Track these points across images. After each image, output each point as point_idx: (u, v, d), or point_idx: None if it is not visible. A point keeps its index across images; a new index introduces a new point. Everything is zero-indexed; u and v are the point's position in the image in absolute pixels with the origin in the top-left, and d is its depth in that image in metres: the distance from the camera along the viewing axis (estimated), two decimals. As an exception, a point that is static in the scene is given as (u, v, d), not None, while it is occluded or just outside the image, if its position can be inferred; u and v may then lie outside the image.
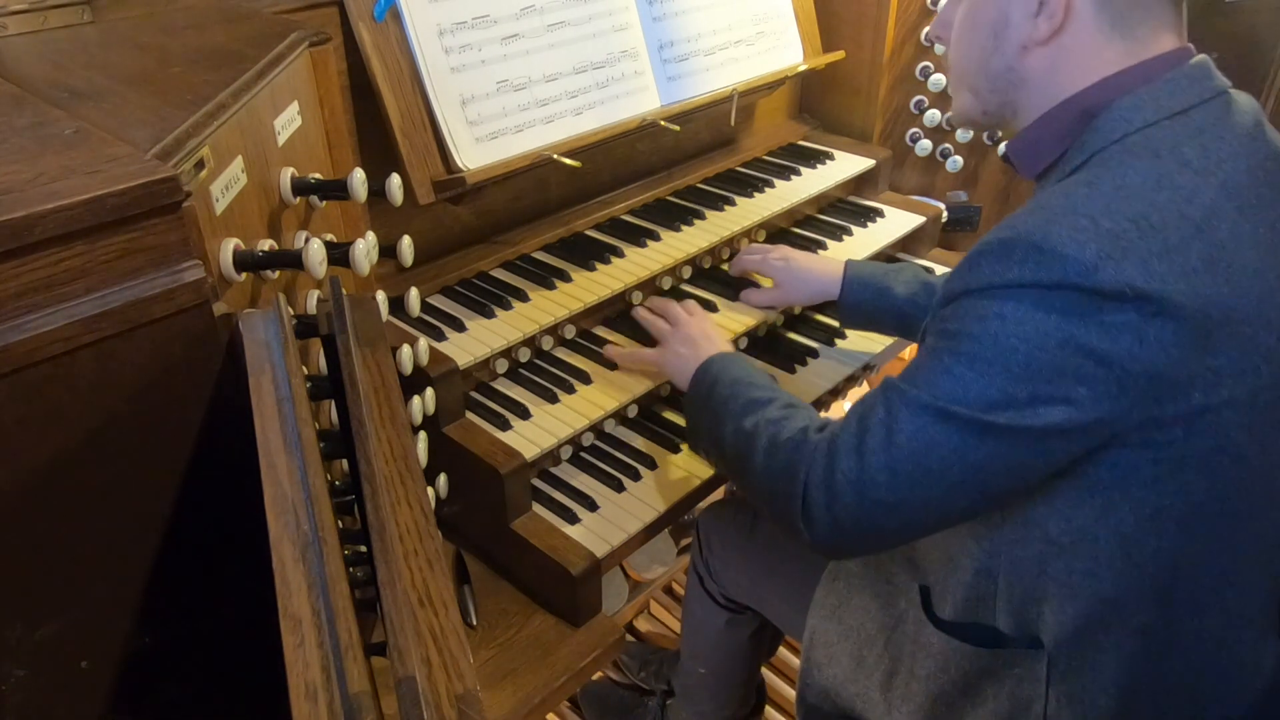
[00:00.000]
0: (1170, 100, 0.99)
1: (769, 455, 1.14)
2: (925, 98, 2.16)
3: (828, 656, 1.36)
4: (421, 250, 1.40)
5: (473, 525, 1.49)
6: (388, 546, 0.65)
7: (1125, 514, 1.01)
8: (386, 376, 0.91)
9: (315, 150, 1.26)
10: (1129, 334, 0.91)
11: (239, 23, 1.27)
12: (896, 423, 1.00)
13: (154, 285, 0.82)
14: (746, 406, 1.23)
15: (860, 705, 1.33)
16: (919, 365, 1.02)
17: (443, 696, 0.63)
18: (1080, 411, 0.94)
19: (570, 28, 1.67)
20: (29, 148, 0.85)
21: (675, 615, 2.42)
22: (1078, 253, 0.90)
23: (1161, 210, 0.93)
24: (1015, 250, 0.94)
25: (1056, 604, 1.08)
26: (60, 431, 0.80)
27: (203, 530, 0.92)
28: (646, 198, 1.94)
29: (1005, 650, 1.13)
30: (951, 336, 0.98)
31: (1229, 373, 0.94)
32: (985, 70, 1.10)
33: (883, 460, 1.00)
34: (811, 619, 1.38)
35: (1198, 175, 0.95)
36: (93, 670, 0.89)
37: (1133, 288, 0.90)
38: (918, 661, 1.22)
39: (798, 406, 1.22)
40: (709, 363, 1.37)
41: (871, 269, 1.65)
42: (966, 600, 1.15)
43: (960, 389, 0.96)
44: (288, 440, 0.75)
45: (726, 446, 1.23)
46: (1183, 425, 0.96)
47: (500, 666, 1.33)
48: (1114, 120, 1.00)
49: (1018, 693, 1.13)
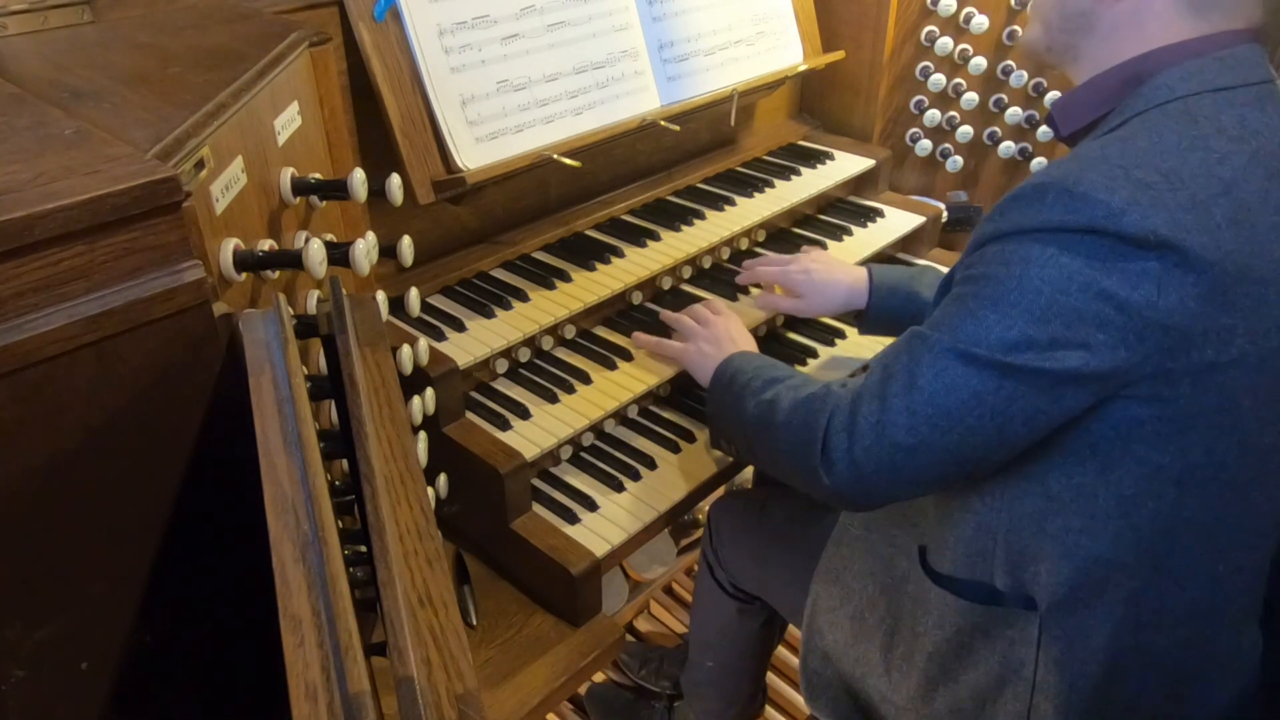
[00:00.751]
0: (1216, 77, 1.02)
1: (790, 412, 1.17)
2: (925, 98, 2.16)
3: (830, 622, 1.39)
4: (421, 250, 1.40)
5: (473, 525, 1.49)
6: (388, 546, 0.65)
7: (1124, 472, 1.03)
8: (386, 376, 0.91)
9: (315, 150, 1.26)
10: (1150, 282, 0.93)
11: (239, 23, 1.27)
12: (919, 366, 1.03)
13: (154, 285, 0.82)
14: (767, 383, 1.27)
15: (860, 670, 1.36)
16: (944, 312, 1.05)
17: (443, 696, 0.63)
18: (1096, 358, 0.96)
19: (570, 28, 1.67)
20: (29, 148, 0.85)
21: (675, 615, 2.42)
22: (1107, 197, 0.93)
23: (1192, 167, 0.96)
24: (1047, 194, 0.97)
25: (1052, 563, 1.10)
26: (60, 431, 0.80)
27: (203, 530, 0.92)
28: (646, 198, 1.94)
29: (1000, 608, 1.16)
30: (976, 281, 1.02)
31: (1242, 332, 0.96)
32: (1061, 7, 1.12)
33: (903, 403, 1.03)
34: (815, 585, 1.41)
35: (1231, 142, 0.98)
36: (93, 670, 0.89)
37: (1157, 235, 0.92)
38: (917, 619, 1.25)
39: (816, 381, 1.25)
40: (730, 358, 1.40)
41: (897, 275, 1.61)
42: (966, 556, 1.18)
43: (982, 331, 0.99)
44: (288, 440, 0.75)
45: (749, 421, 1.26)
46: (1190, 381, 0.98)
47: (500, 666, 1.33)
48: (1157, 87, 1.03)
49: (1010, 655, 1.16)
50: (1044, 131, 2.11)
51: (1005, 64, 2.08)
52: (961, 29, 2.07)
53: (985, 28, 2.03)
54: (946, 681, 1.23)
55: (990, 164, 2.20)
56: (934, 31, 2.08)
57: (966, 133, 2.14)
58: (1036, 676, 1.15)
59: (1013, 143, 2.14)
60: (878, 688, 1.34)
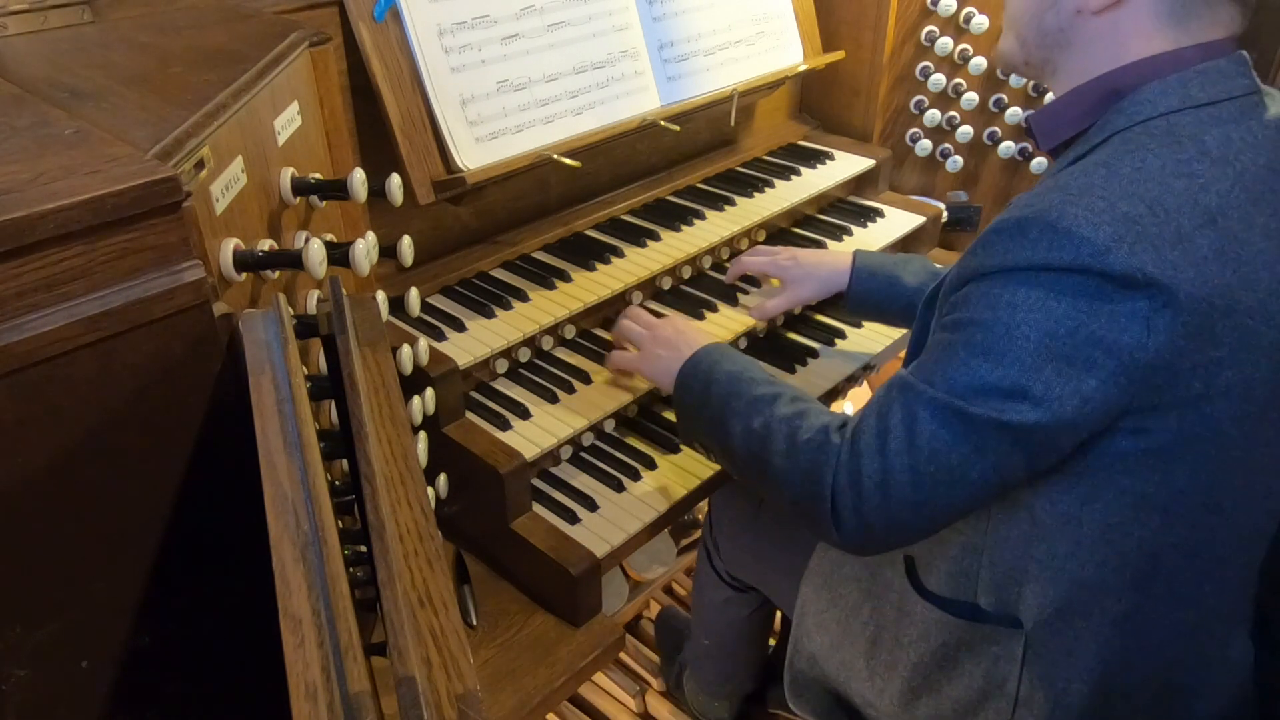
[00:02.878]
0: (1199, 91, 1.00)
1: (789, 458, 1.13)
2: (925, 98, 2.16)
3: (817, 624, 1.40)
4: (421, 250, 1.40)
5: (473, 525, 1.49)
6: (388, 546, 0.65)
7: (1109, 500, 1.03)
8: (386, 376, 0.91)
9: (315, 150, 1.26)
10: (1138, 323, 0.92)
11: (239, 23, 1.27)
12: (916, 423, 1.01)
13: (154, 285, 0.82)
14: (752, 405, 1.21)
15: (845, 674, 1.36)
16: (934, 358, 1.03)
17: (443, 696, 0.63)
18: (1089, 402, 0.96)
19: (570, 28, 1.67)
20: (29, 148, 0.85)
21: (675, 615, 2.41)
22: (1092, 234, 0.92)
23: (1177, 196, 0.94)
24: (1030, 229, 0.95)
25: (1038, 586, 1.10)
26: (60, 431, 0.80)
27: (203, 530, 0.92)
28: (646, 198, 1.94)
29: (985, 626, 1.16)
30: (964, 326, 1.00)
31: (1229, 364, 0.96)
32: (1037, 23, 1.10)
33: (905, 461, 1.01)
34: (804, 587, 1.42)
35: (1215, 165, 0.96)
36: (93, 670, 0.89)
37: (1144, 274, 0.91)
38: (901, 629, 1.25)
39: (804, 400, 1.21)
40: (695, 360, 1.34)
41: (880, 259, 1.64)
42: (951, 575, 1.17)
43: (975, 382, 0.98)
44: (288, 440, 0.75)
45: (736, 448, 1.22)
46: (1176, 414, 0.97)
47: (500, 666, 1.33)
48: (1139, 103, 1.01)
49: (993, 671, 1.16)
50: (1044, 131, 2.11)
51: (1005, 64, 2.08)
52: (961, 29, 2.07)
53: (985, 28, 2.03)
54: (929, 692, 1.24)
55: (990, 164, 2.20)
56: (934, 31, 2.08)
57: (966, 133, 2.14)
58: (1020, 692, 1.15)
59: (1013, 143, 2.14)
60: (861, 692, 1.34)
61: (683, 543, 2.45)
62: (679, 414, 1.38)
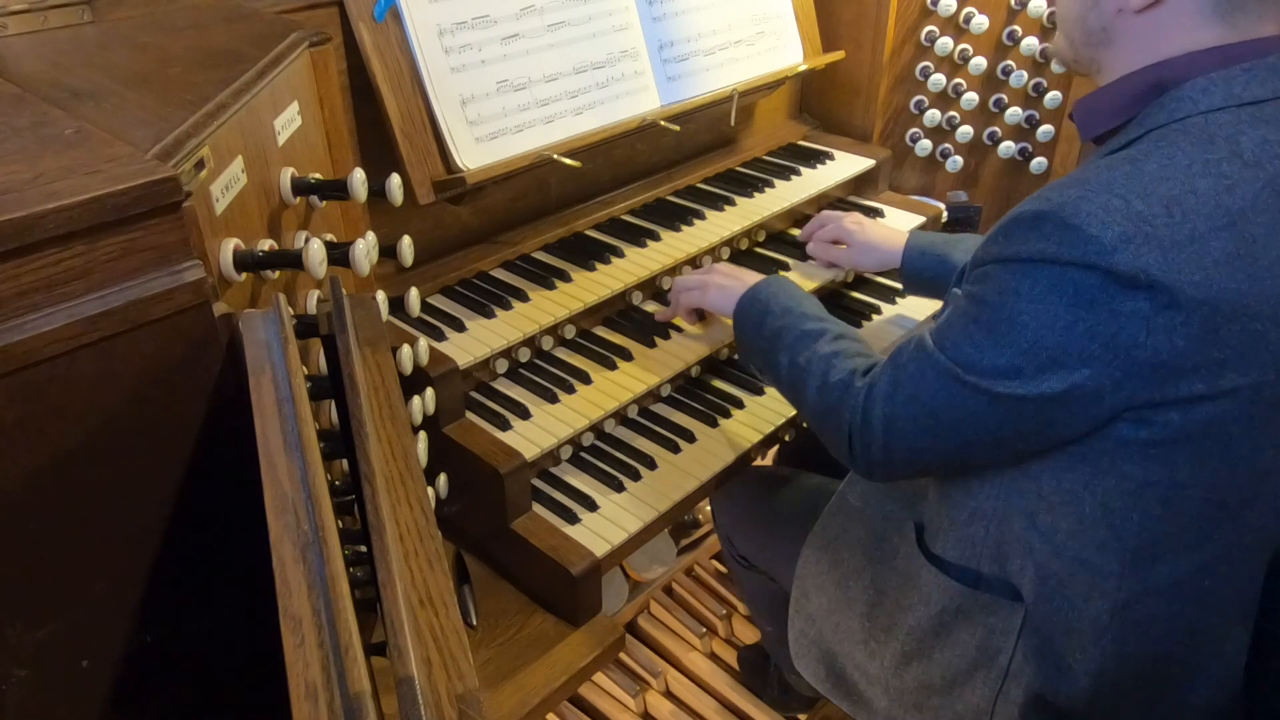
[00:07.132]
0: (1243, 89, 0.99)
1: (820, 394, 1.26)
2: (925, 98, 2.16)
3: (816, 586, 1.43)
4: (421, 250, 1.40)
5: (473, 525, 1.49)
6: (388, 546, 0.65)
7: (1110, 484, 1.05)
8: (386, 376, 0.91)
9: (315, 150, 1.26)
10: (1137, 322, 0.94)
11: (239, 23, 1.27)
12: (923, 379, 1.10)
13: (154, 285, 0.82)
14: (800, 339, 1.33)
15: (839, 637, 1.39)
16: (949, 324, 1.10)
17: (443, 696, 0.63)
18: (1082, 390, 0.99)
19: (570, 28, 1.67)
20: (29, 148, 0.85)
21: (675, 615, 2.41)
22: (1100, 232, 0.93)
23: (1199, 196, 0.94)
24: (1044, 223, 0.98)
25: (1040, 559, 1.12)
26: (60, 431, 0.80)
27: (203, 530, 0.92)
28: (646, 198, 1.94)
29: (986, 595, 1.19)
30: (976, 302, 1.06)
31: (1234, 366, 0.96)
32: (1082, 23, 1.12)
33: (909, 411, 1.12)
34: (805, 550, 1.45)
35: (1246, 167, 0.96)
36: (93, 670, 0.89)
37: (1147, 275, 0.92)
38: (903, 593, 1.28)
39: (846, 339, 1.32)
40: (757, 289, 1.46)
41: (931, 238, 1.73)
42: (959, 540, 1.21)
43: (976, 356, 1.05)
44: (288, 440, 0.75)
45: (783, 376, 1.36)
46: (1179, 410, 0.98)
47: (500, 666, 1.33)
48: (1180, 100, 1.01)
49: (987, 643, 1.19)
50: (1044, 131, 2.11)
51: (1005, 64, 2.08)
52: (961, 29, 2.07)
53: (985, 28, 2.03)
54: (921, 657, 1.26)
55: (990, 164, 2.20)
56: (934, 31, 2.08)
57: (966, 133, 2.14)
58: (1011, 665, 1.18)
59: (1013, 143, 2.14)
60: (853, 656, 1.37)
61: (683, 543, 2.45)
62: (738, 337, 1.50)
